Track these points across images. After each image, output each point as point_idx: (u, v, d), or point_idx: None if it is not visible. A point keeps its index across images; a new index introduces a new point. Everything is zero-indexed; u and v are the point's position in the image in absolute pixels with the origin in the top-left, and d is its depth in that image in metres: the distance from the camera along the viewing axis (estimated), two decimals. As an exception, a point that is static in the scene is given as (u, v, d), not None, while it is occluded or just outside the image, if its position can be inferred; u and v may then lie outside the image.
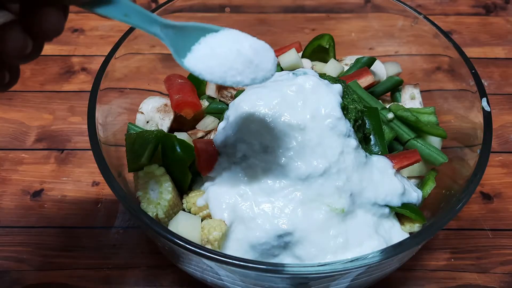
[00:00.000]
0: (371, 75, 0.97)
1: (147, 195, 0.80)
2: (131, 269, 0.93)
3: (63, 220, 0.99)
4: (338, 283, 0.73)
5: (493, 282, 0.92)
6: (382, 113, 0.90)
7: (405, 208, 0.79)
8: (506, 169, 1.08)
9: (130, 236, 0.97)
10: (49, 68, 1.27)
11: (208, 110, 0.96)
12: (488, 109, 0.81)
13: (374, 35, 1.13)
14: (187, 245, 0.65)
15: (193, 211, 0.80)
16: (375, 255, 0.65)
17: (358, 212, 0.77)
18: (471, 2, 1.43)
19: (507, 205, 1.02)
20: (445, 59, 0.96)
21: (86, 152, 1.10)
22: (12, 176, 1.06)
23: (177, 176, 0.82)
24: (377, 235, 0.77)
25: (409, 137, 0.90)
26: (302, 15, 1.18)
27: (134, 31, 0.93)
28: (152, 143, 0.82)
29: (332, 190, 0.74)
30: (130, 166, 0.82)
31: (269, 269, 0.64)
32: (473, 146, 0.82)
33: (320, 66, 1.03)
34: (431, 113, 0.93)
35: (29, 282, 0.91)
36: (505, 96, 1.21)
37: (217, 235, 0.73)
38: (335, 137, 0.75)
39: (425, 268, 0.94)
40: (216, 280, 0.76)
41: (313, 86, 0.77)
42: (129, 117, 0.96)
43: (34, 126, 1.15)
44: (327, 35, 1.06)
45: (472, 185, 0.73)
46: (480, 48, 1.31)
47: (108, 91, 0.87)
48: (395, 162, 0.81)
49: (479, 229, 0.99)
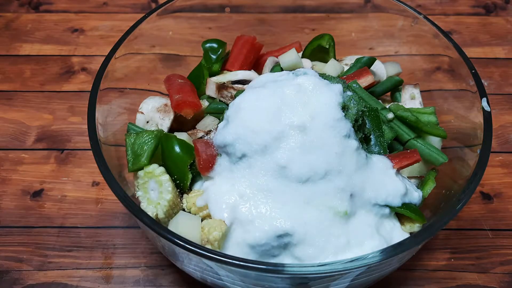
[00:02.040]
0: (371, 75, 0.96)
1: (147, 195, 0.80)
2: (131, 269, 0.93)
3: (63, 220, 0.99)
4: (338, 283, 0.73)
5: (493, 282, 0.92)
6: (382, 113, 0.90)
7: (405, 208, 0.79)
8: (506, 169, 1.08)
9: (130, 236, 0.97)
10: (49, 68, 1.27)
11: (208, 110, 0.96)
12: (488, 109, 0.81)
13: (374, 35, 1.13)
14: (187, 245, 0.65)
15: (193, 211, 0.80)
16: (375, 255, 0.65)
17: (359, 213, 0.77)
18: (471, 2, 1.43)
19: (507, 205, 1.02)
20: (445, 59, 0.96)
21: (86, 152, 1.10)
22: (12, 176, 1.06)
23: (177, 176, 0.82)
24: (378, 235, 0.77)
25: (409, 137, 0.90)
26: (302, 15, 1.18)
27: (135, 31, 0.93)
28: (152, 143, 0.82)
29: (333, 191, 0.74)
30: (130, 166, 0.82)
31: (269, 269, 0.64)
32: (473, 146, 0.82)
33: (320, 66, 1.03)
34: (431, 113, 0.93)
35: (29, 282, 0.91)
36: (505, 96, 1.21)
37: (217, 235, 0.73)
38: (335, 138, 0.75)
39: (425, 268, 0.94)
40: (216, 280, 0.76)
41: (313, 87, 0.77)
42: (129, 117, 0.96)
43: (34, 126, 1.15)
44: (327, 35, 1.06)
45: (472, 185, 0.73)
46: (480, 48, 1.31)
47: (108, 91, 0.87)
48: (395, 162, 0.81)
49: (479, 229, 0.99)
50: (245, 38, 1.04)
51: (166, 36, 1.05)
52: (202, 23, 1.11)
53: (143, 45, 0.98)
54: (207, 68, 1.01)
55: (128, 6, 1.42)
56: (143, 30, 0.96)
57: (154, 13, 0.98)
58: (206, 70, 1.00)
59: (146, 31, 0.97)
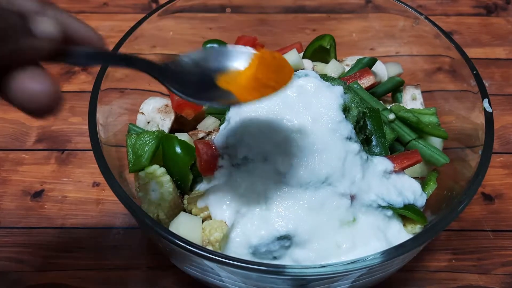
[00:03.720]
0: (372, 76, 0.96)
1: (148, 196, 0.80)
2: (132, 270, 0.93)
3: (63, 220, 0.99)
4: (339, 284, 0.73)
5: (494, 283, 0.92)
6: (383, 114, 0.90)
7: (407, 209, 0.79)
8: (508, 170, 1.08)
9: (130, 237, 0.97)
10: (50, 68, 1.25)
11: (209, 110, 0.96)
12: (490, 110, 0.81)
13: (375, 35, 1.13)
14: (188, 246, 0.65)
15: (194, 212, 0.80)
16: (377, 256, 0.65)
17: (362, 215, 0.77)
18: (472, 3, 1.43)
19: (508, 206, 1.02)
20: (446, 60, 0.96)
21: (87, 152, 1.10)
22: (12, 176, 1.06)
23: (178, 177, 0.82)
24: (380, 237, 0.76)
25: (411, 138, 0.90)
26: (303, 15, 1.18)
27: (135, 31, 0.93)
28: (153, 144, 0.82)
29: (335, 195, 0.74)
30: (131, 167, 0.82)
31: (270, 270, 0.64)
32: (474, 147, 0.82)
33: (321, 66, 1.03)
34: (433, 113, 0.93)
35: (30, 283, 0.91)
36: (506, 96, 1.21)
37: (218, 236, 0.73)
38: (337, 140, 0.75)
39: (426, 269, 0.93)
40: (217, 281, 0.76)
41: (314, 88, 0.77)
42: (130, 118, 0.96)
43: (35, 126, 1.14)
44: (328, 36, 1.06)
45: (474, 186, 0.73)
46: (481, 49, 1.31)
47: (109, 91, 0.87)
48: (396, 163, 0.81)
49: (480, 230, 0.99)
50: (246, 38, 1.04)
51: (167, 37, 1.04)
52: (203, 24, 1.11)
53: (143, 46, 0.98)
54: (208, 68, 1.01)
55: (128, 6, 1.42)
56: (144, 31, 0.96)
57: (155, 13, 0.97)
58: (207, 70, 1.00)
59: (146, 31, 0.97)
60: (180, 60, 0.62)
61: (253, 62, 0.63)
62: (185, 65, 0.62)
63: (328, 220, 0.74)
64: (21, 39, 0.44)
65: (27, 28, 0.45)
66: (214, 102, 0.61)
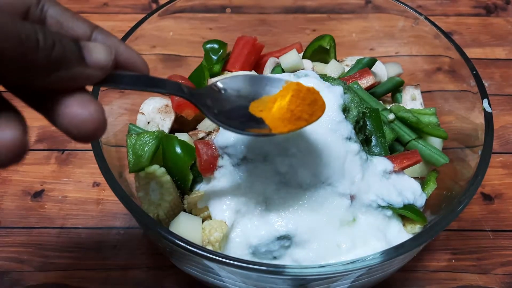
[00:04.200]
0: (372, 76, 0.96)
1: (148, 196, 0.80)
2: (132, 270, 0.93)
3: (63, 220, 0.99)
4: (339, 284, 0.73)
5: (494, 283, 0.92)
6: (383, 114, 0.90)
7: (407, 209, 0.79)
8: (507, 170, 1.08)
9: (131, 237, 0.97)
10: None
11: (209, 110, 0.96)
12: (489, 110, 0.81)
13: (375, 35, 1.13)
14: (188, 246, 0.65)
15: (194, 212, 0.80)
16: (376, 256, 0.65)
17: (362, 215, 0.77)
18: (472, 3, 1.43)
19: (508, 206, 1.02)
20: (446, 60, 0.96)
21: (87, 152, 1.10)
22: (12, 176, 1.06)
23: (178, 177, 0.82)
24: (380, 237, 0.76)
25: (410, 138, 0.90)
26: (302, 15, 1.18)
27: (135, 31, 0.93)
28: (153, 144, 0.82)
29: (335, 196, 0.74)
30: (131, 167, 0.82)
31: (270, 270, 0.64)
32: (474, 147, 0.82)
33: (321, 67, 1.03)
34: (432, 114, 0.93)
35: (30, 283, 0.91)
36: (506, 97, 1.21)
37: (218, 236, 0.73)
38: (336, 141, 0.75)
39: (425, 269, 0.94)
40: (217, 281, 0.76)
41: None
42: (130, 118, 0.96)
43: (35, 126, 1.14)
44: (328, 36, 1.06)
45: (473, 186, 0.73)
46: (481, 49, 1.31)
47: (109, 91, 0.87)
48: (396, 163, 0.81)
49: (480, 230, 0.99)
50: (246, 38, 1.04)
51: (167, 37, 1.05)
52: (203, 24, 1.11)
53: (143, 46, 0.98)
54: (208, 69, 1.01)
55: (128, 6, 1.42)
56: (144, 31, 0.96)
57: (155, 13, 0.97)
58: (207, 70, 1.00)
59: (146, 31, 0.97)
60: (218, 86, 0.63)
61: (286, 92, 0.64)
62: (224, 92, 0.62)
63: (328, 220, 0.74)
64: (75, 67, 0.44)
65: (82, 56, 0.45)
66: (246, 132, 0.61)
